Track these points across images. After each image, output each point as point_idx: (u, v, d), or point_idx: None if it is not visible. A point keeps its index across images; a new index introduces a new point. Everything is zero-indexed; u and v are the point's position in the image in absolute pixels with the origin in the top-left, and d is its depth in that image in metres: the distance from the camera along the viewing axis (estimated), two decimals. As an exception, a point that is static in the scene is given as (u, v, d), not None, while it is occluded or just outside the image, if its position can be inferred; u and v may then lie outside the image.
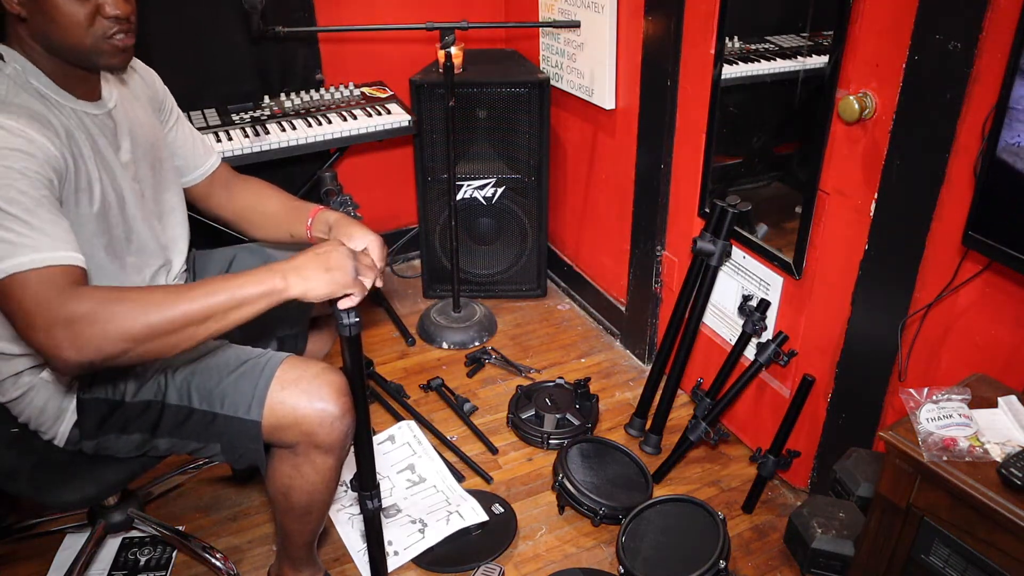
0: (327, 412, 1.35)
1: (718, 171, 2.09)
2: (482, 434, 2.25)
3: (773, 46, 1.93)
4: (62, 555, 1.83)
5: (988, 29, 1.32)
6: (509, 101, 2.59)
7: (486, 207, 2.73)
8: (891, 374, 1.66)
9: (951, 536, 1.25)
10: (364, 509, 1.50)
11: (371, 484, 1.46)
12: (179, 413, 1.38)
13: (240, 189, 1.68)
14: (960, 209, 1.40)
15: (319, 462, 1.41)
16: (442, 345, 2.66)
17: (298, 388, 1.35)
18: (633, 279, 2.53)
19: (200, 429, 1.38)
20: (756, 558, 1.86)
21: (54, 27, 1.22)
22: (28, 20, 1.22)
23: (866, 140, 1.61)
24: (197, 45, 2.45)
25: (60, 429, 1.40)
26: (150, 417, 1.38)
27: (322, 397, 1.34)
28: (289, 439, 1.38)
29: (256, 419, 1.35)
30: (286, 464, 1.43)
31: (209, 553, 1.78)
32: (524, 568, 1.84)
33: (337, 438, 1.38)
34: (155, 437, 1.41)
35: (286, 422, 1.35)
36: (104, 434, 1.40)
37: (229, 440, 1.39)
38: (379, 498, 1.49)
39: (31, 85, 1.25)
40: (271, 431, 1.36)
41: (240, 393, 1.35)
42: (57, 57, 1.26)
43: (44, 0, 1.20)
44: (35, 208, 1.14)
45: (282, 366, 1.38)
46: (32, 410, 1.39)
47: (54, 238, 1.15)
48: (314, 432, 1.36)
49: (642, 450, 2.19)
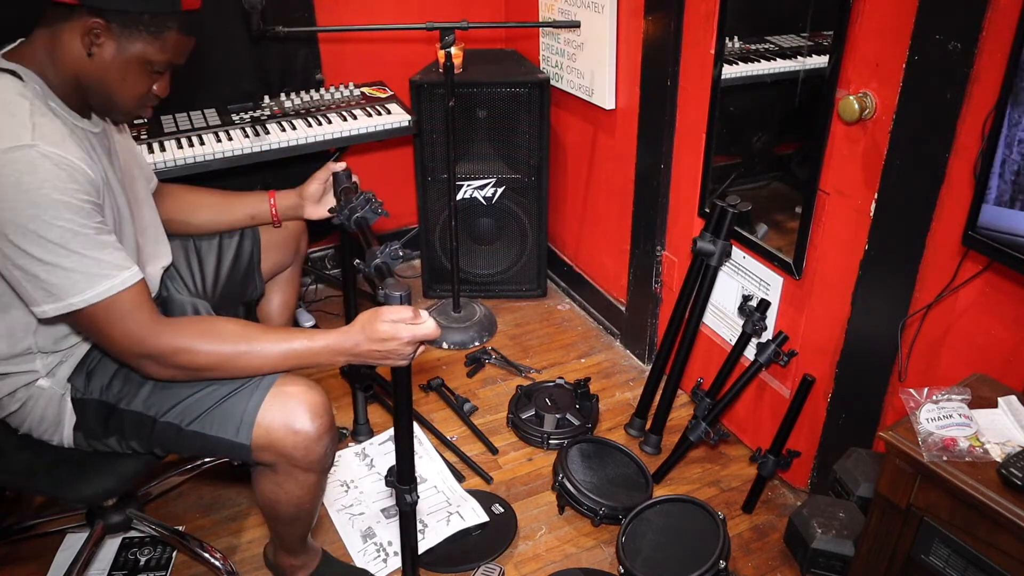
0: (303, 435, 1.35)
1: (718, 171, 2.09)
2: (482, 434, 2.25)
3: (773, 46, 1.93)
4: (62, 555, 1.83)
5: (988, 29, 1.31)
6: (509, 101, 2.59)
7: (486, 207, 2.73)
8: (891, 374, 1.65)
9: (951, 536, 1.25)
10: (402, 503, 1.52)
11: (409, 478, 1.48)
12: (170, 430, 1.39)
13: (179, 190, 1.75)
14: (960, 209, 1.40)
15: (301, 479, 1.42)
16: (442, 345, 2.65)
17: (274, 409, 1.35)
18: (633, 279, 2.53)
19: (193, 444, 1.40)
20: (756, 558, 1.86)
21: (113, 84, 1.28)
22: (92, 57, 1.24)
23: (866, 140, 1.61)
24: (197, 45, 2.44)
25: (64, 433, 1.42)
26: (144, 431, 1.40)
27: (298, 419, 1.34)
28: (267, 459, 1.39)
29: (245, 442, 1.35)
30: (269, 482, 1.44)
31: (208, 552, 1.78)
32: (524, 568, 1.84)
33: (315, 460, 1.38)
34: (152, 446, 1.43)
35: (263, 443, 1.35)
36: (108, 436, 1.42)
37: (221, 455, 1.43)
38: (417, 492, 1.52)
39: (51, 106, 1.26)
40: (251, 452, 1.37)
41: (229, 416, 1.36)
42: (81, 91, 1.29)
43: (123, 62, 1.26)
44: (94, 235, 1.21)
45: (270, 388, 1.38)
46: (32, 419, 1.41)
47: (116, 259, 1.24)
48: (290, 454, 1.36)
49: (642, 450, 2.19)
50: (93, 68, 1.26)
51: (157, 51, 1.27)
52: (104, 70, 1.26)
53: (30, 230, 1.15)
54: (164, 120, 2.35)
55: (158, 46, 1.27)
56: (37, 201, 1.15)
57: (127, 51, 1.25)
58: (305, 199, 1.77)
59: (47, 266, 1.18)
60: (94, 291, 1.21)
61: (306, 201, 1.77)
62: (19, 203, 1.14)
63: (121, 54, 1.25)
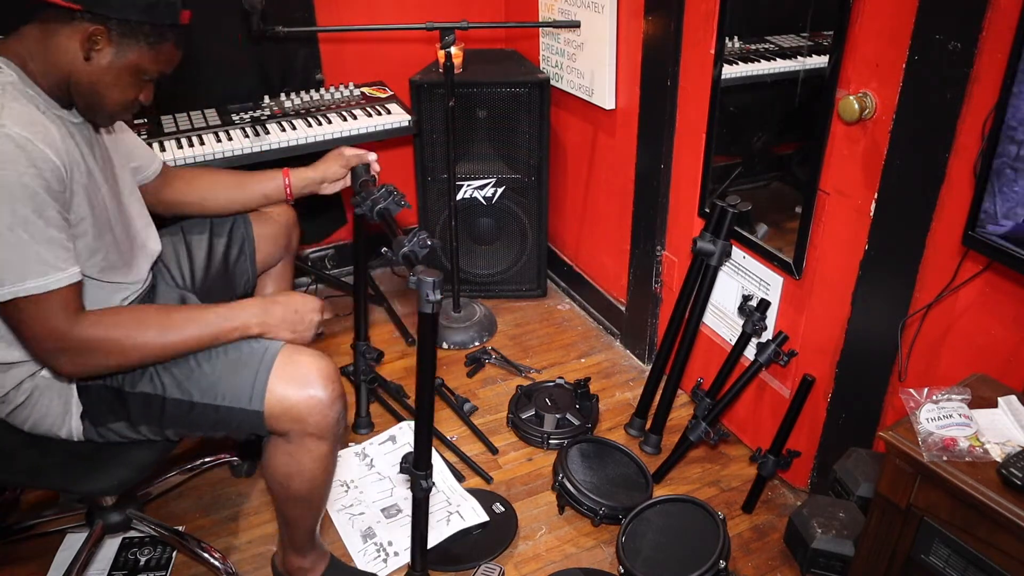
0: (317, 399, 1.38)
1: (718, 171, 2.09)
2: (482, 434, 2.25)
3: (773, 46, 1.93)
4: (62, 555, 1.83)
5: (988, 29, 1.31)
6: (509, 101, 2.59)
7: (486, 207, 2.73)
8: (891, 374, 1.65)
9: (951, 536, 1.25)
10: (417, 489, 1.57)
11: (426, 464, 1.53)
12: (181, 407, 1.40)
13: (192, 172, 1.79)
14: (960, 209, 1.40)
15: (314, 449, 1.43)
16: (442, 345, 2.65)
17: (288, 376, 1.38)
18: (633, 279, 2.53)
19: (204, 419, 1.41)
20: (756, 558, 1.86)
21: (104, 88, 1.30)
22: (88, 61, 1.26)
23: (866, 140, 1.61)
24: (197, 45, 2.44)
25: (72, 423, 1.42)
26: (153, 411, 1.41)
27: (311, 384, 1.38)
28: (281, 427, 1.40)
29: (259, 409, 1.38)
30: (282, 453, 1.45)
31: (207, 552, 1.78)
32: (524, 568, 1.84)
33: (329, 424, 1.41)
34: (163, 428, 1.43)
35: (277, 411, 1.38)
36: (116, 421, 1.42)
37: (234, 428, 1.43)
38: (432, 478, 1.57)
39: (28, 92, 1.26)
40: (265, 419, 1.39)
41: (240, 385, 1.38)
42: (66, 89, 1.30)
43: (118, 69, 1.29)
44: (42, 227, 1.19)
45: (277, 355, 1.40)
46: (39, 411, 1.40)
47: (57, 258, 1.22)
48: (304, 420, 1.38)
49: (642, 450, 2.19)
50: (87, 72, 1.27)
51: (152, 61, 1.31)
52: (98, 74, 1.28)
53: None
54: (164, 120, 2.35)
55: (153, 56, 1.30)
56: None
57: (123, 58, 1.28)
58: (326, 178, 1.83)
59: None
60: (23, 285, 1.19)
61: (326, 182, 1.84)
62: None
63: (117, 61, 1.28)
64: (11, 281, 1.19)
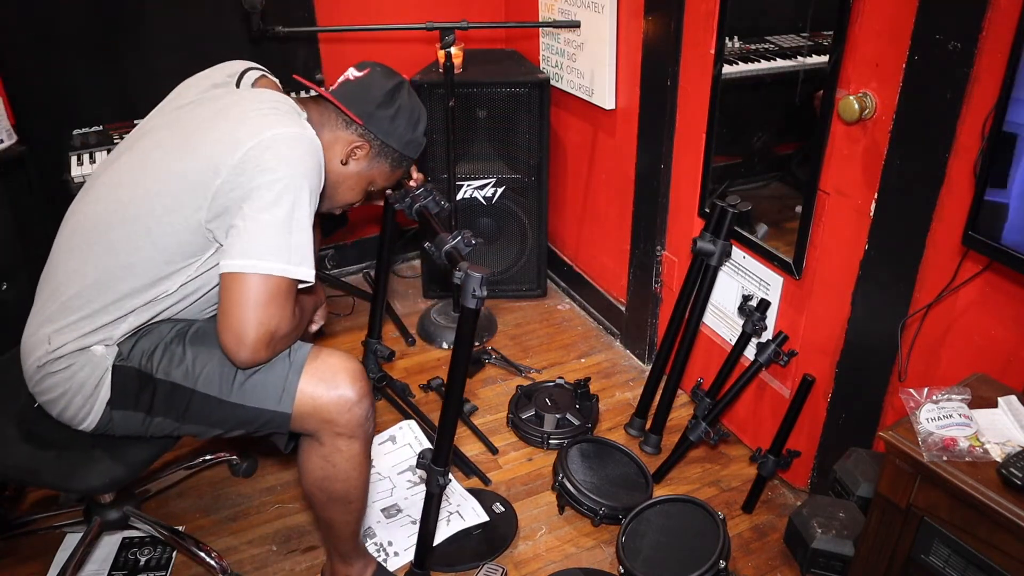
0: (344, 398, 1.40)
1: (718, 171, 2.09)
2: (482, 434, 2.25)
3: (773, 46, 1.93)
4: (62, 554, 1.83)
5: (988, 29, 1.31)
6: (509, 101, 2.59)
7: (486, 207, 2.73)
8: (891, 374, 1.65)
9: (951, 536, 1.25)
10: (432, 484, 1.59)
11: (446, 460, 1.56)
12: (208, 402, 1.40)
13: None
14: (960, 209, 1.40)
15: (346, 449, 1.45)
16: (442, 345, 2.65)
17: (318, 377, 1.39)
18: (633, 279, 2.53)
19: (227, 417, 1.42)
20: (756, 558, 1.86)
21: (340, 188, 1.53)
22: (345, 164, 1.50)
23: (866, 140, 1.61)
24: (197, 45, 2.45)
25: (95, 407, 1.39)
26: (179, 403, 1.40)
27: (339, 384, 1.40)
28: (310, 427, 1.42)
29: (287, 411, 1.39)
30: (316, 457, 1.46)
31: (204, 551, 1.77)
32: (524, 568, 1.84)
33: (357, 423, 1.43)
34: (183, 423, 1.43)
35: (306, 410, 1.39)
36: (137, 408, 1.40)
37: (256, 427, 1.43)
38: (449, 475, 1.59)
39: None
40: (293, 420, 1.40)
41: (270, 385, 1.39)
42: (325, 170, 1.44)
43: (360, 178, 1.54)
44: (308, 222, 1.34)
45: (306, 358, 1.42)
46: (70, 388, 1.37)
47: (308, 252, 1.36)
48: (333, 419, 1.40)
49: (642, 450, 2.19)
50: (337, 171, 1.50)
51: (385, 179, 1.58)
52: (344, 177, 1.52)
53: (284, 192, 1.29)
54: (164, 120, 2.34)
55: (388, 175, 1.57)
56: (305, 174, 1.32)
57: (368, 171, 1.53)
58: None
59: (274, 228, 1.28)
60: (299, 268, 1.33)
61: None
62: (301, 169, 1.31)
63: (364, 172, 1.53)
64: (295, 262, 1.31)
